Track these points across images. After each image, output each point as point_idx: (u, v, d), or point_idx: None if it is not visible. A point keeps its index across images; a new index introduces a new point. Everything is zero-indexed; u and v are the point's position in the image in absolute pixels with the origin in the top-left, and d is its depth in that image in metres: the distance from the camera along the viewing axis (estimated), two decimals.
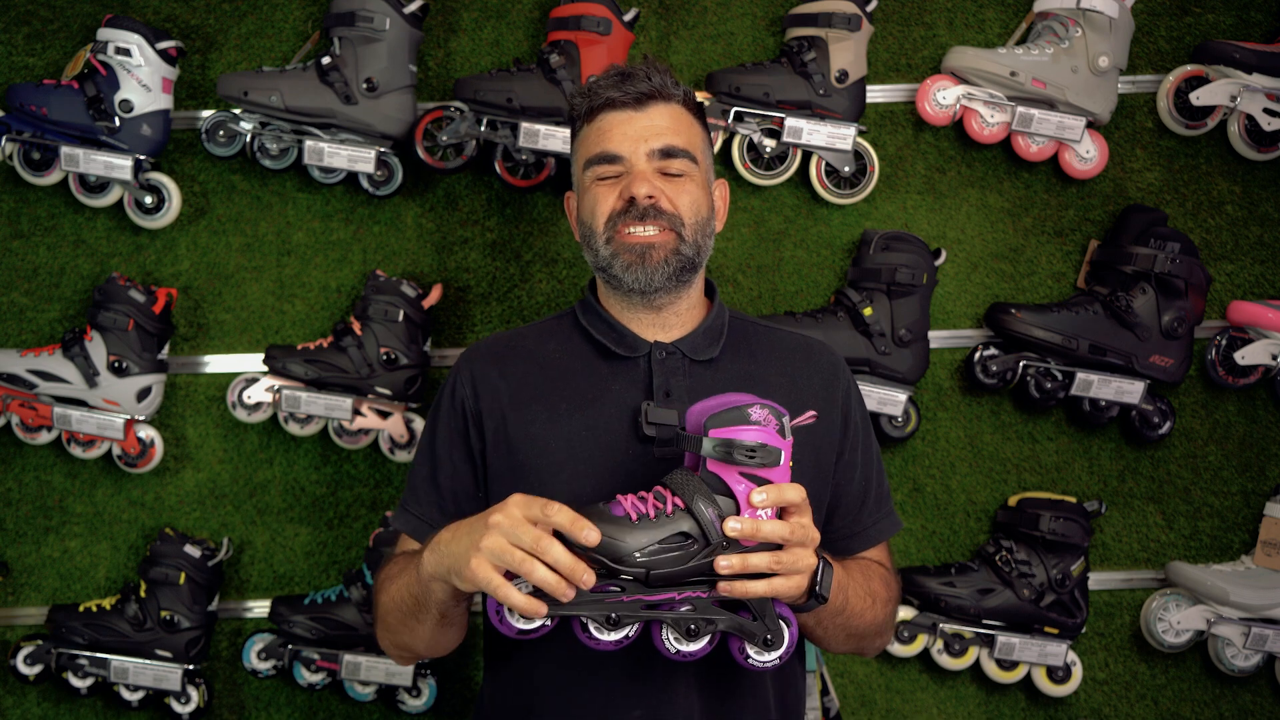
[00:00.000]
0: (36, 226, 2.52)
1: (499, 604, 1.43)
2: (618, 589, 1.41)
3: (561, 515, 1.38)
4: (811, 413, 1.54)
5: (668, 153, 1.70)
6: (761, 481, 1.42)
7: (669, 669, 1.60)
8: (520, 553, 1.38)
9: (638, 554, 1.40)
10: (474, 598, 1.60)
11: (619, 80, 1.71)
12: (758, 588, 1.43)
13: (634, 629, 1.45)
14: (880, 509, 1.81)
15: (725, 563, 1.41)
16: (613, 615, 1.42)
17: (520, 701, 1.69)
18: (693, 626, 1.43)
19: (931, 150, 2.56)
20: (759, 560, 1.42)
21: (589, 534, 1.37)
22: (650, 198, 1.67)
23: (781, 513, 1.45)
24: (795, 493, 1.44)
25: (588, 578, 1.38)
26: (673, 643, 1.45)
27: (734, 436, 1.41)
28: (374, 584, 1.78)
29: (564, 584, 1.38)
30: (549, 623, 1.44)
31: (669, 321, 1.75)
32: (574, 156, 1.79)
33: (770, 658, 1.47)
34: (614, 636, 1.44)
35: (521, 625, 1.43)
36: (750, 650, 1.47)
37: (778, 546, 1.44)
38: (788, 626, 1.47)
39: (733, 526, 1.40)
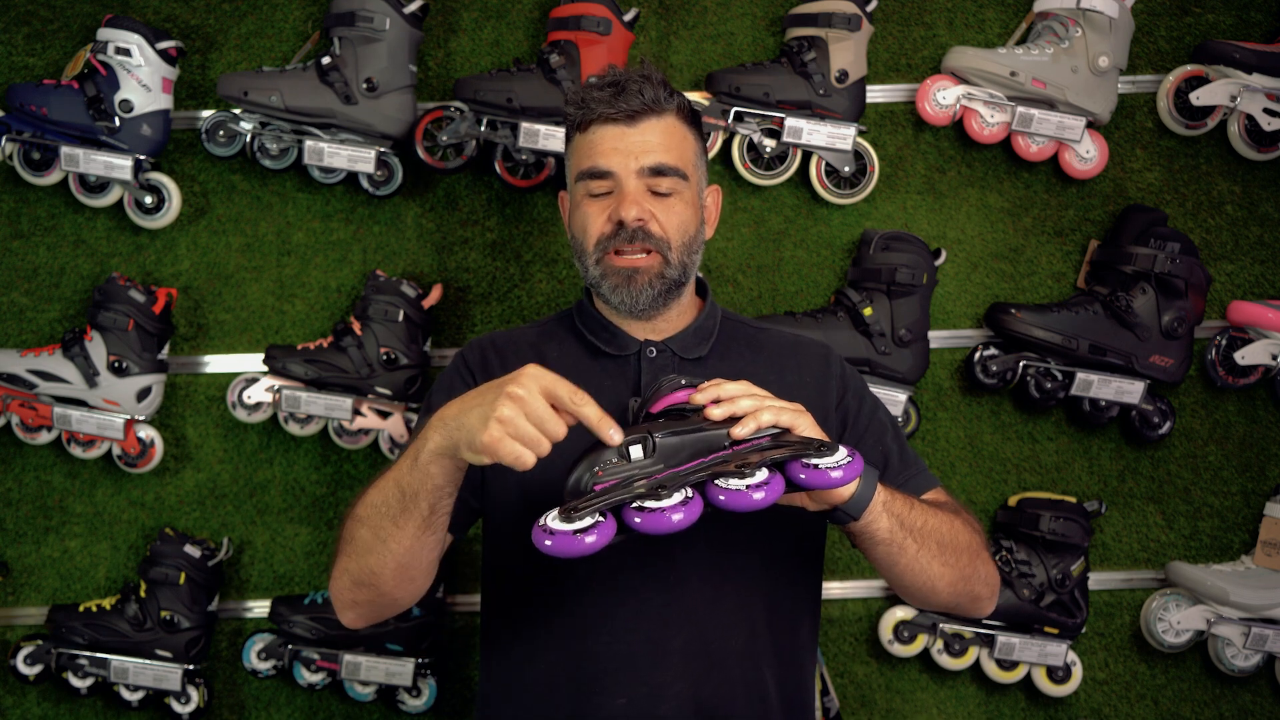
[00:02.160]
0: (36, 226, 2.52)
1: (540, 524, 1.32)
2: (644, 478, 1.35)
3: (589, 409, 1.35)
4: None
5: (658, 171, 1.70)
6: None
7: (657, 657, 1.60)
8: (535, 431, 1.34)
9: (634, 425, 1.39)
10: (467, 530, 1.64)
11: (612, 94, 1.70)
12: (765, 416, 1.41)
13: (690, 503, 1.34)
14: (907, 470, 1.77)
15: (718, 411, 1.41)
16: (661, 487, 1.33)
17: (512, 692, 1.70)
18: (738, 465, 1.36)
19: (931, 150, 2.56)
20: (747, 403, 1.42)
21: (614, 433, 1.35)
22: (639, 220, 1.68)
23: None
24: (735, 386, 1.44)
25: (615, 434, 1.35)
26: (733, 487, 1.34)
27: (662, 382, 1.47)
28: (341, 527, 1.66)
29: (545, 434, 1.36)
30: (597, 529, 1.30)
31: (659, 325, 1.78)
32: (567, 161, 1.80)
33: (833, 460, 1.37)
34: (674, 500, 1.33)
35: (563, 527, 1.29)
36: (807, 462, 1.37)
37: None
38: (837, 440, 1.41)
39: (699, 398, 1.42)
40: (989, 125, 2.48)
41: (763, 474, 1.35)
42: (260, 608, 2.52)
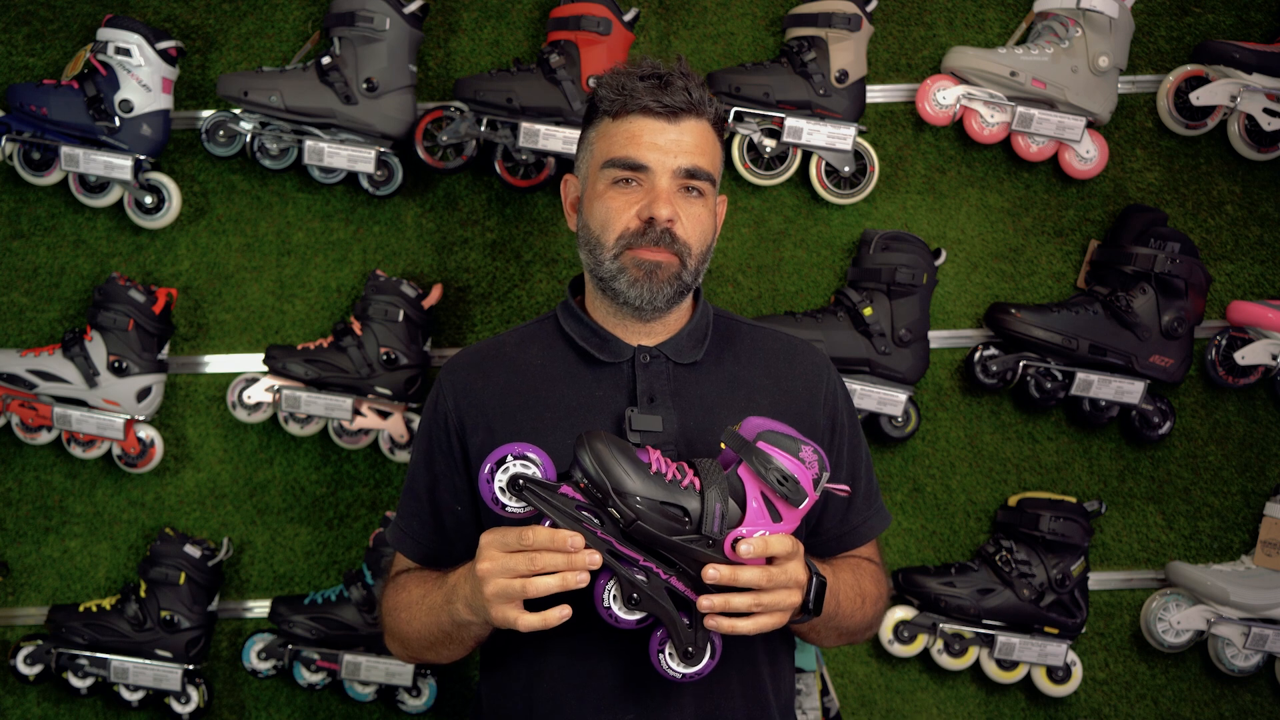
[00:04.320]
0: (36, 226, 2.52)
1: (603, 601, 1.48)
2: (597, 522, 1.44)
3: (538, 535, 1.45)
4: (846, 487, 1.60)
5: (692, 173, 1.67)
6: (775, 515, 1.47)
7: (664, 679, 1.61)
8: (520, 581, 1.46)
9: (636, 499, 1.43)
10: None
11: (656, 87, 1.65)
12: (744, 626, 1.47)
13: (633, 621, 1.49)
14: (869, 506, 1.82)
15: (707, 603, 1.46)
16: (582, 532, 1.44)
17: (515, 706, 1.69)
18: (635, 596, 1.45)
19: (931, 150, 2.56)
20: (741, 601, 1.46)
21: (574, 540, 1.43)
22: (670, 221, 1.65)
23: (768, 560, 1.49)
24: (781, 545, 1.47)
25: (594, 558, 1.44)
26: (610, 601, 1.47)
27: (778, 458, 1.45)
28: (383, 605, 1.78)
29: (573, 576, 1.44)
30: (518, 514, 1.48)
31: (654, 328, 1.74)
32: (588, 147, 1.74)
33: (682, 670, 1.49)
34: (635, 617, 1.47)
35: (504, 492, 1.47)
36: (668, 653, 1.49)
37: None
38: (712, 655, 1.50)
39: (711, 574, 1.45)
40: (989, 125, 2.49)
41: (635, 617, 1.47)
42: (260, 608, 2.52)
